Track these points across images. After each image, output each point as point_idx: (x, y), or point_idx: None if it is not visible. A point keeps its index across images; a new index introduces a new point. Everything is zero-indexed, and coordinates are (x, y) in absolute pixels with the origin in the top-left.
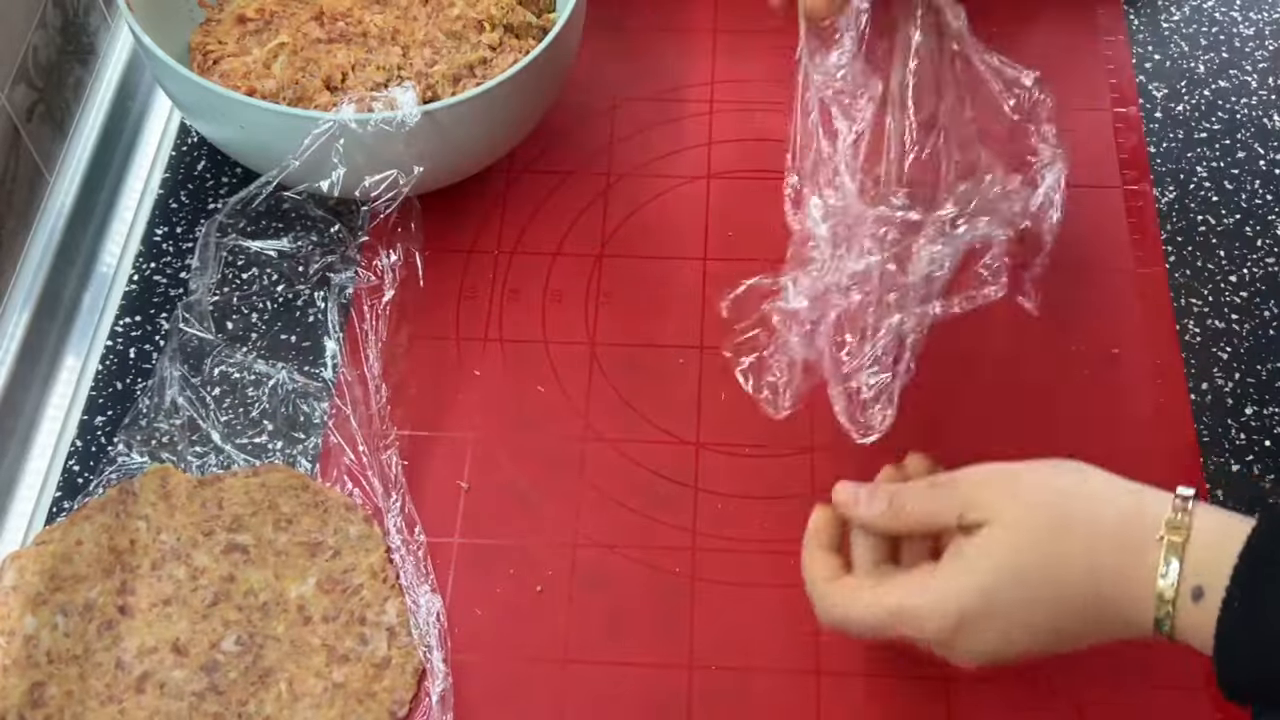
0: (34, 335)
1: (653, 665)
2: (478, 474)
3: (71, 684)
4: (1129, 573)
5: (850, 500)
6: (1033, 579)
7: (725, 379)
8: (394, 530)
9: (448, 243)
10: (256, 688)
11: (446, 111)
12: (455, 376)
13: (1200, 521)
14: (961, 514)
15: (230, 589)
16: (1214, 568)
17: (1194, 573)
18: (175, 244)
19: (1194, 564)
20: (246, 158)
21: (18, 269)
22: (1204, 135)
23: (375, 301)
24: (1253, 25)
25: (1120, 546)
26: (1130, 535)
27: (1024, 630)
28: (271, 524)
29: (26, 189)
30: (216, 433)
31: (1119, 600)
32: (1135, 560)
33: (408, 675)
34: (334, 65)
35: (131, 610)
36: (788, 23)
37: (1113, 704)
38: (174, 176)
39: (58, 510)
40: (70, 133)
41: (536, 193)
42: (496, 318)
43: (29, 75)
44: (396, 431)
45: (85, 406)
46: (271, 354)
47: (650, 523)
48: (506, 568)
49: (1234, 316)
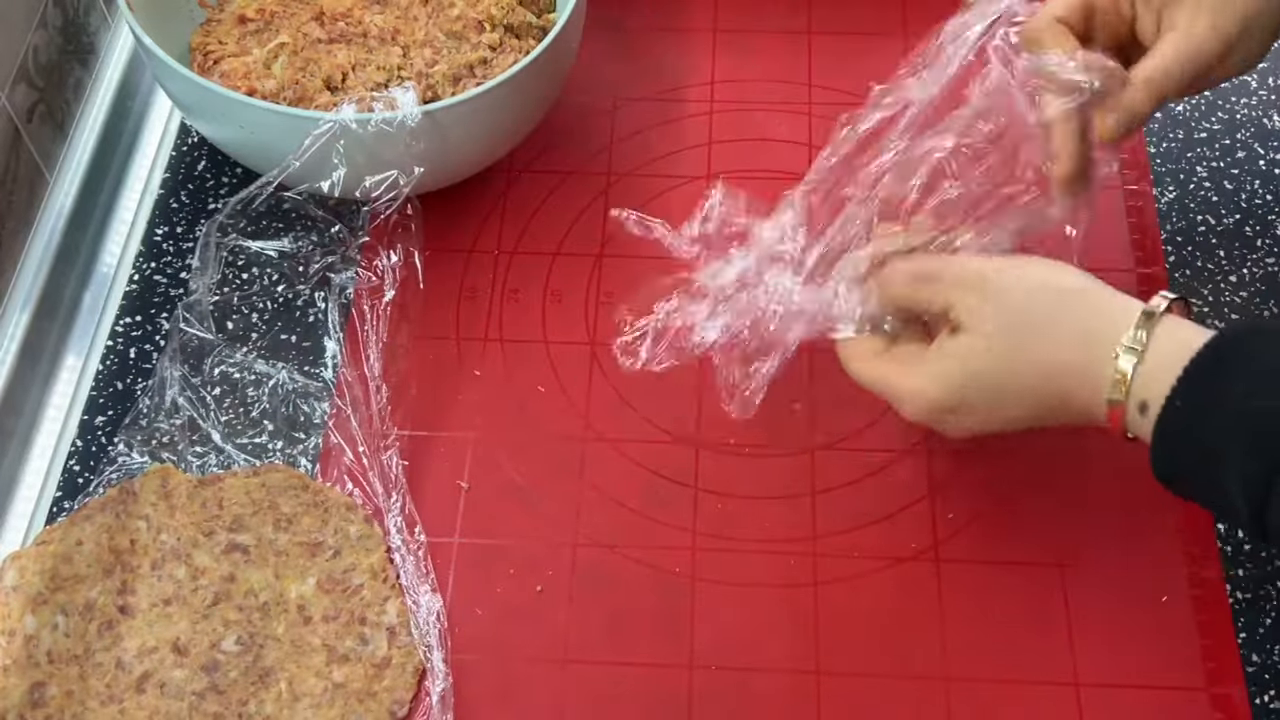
0: (34, 335)
1: (653, 665)
2: (478, 474)
3: (72, 684)
4: (1088, 381)
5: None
6: (994, 381)
7: None
8: (394, 530)
9: (448, 243)
10: (257, 688)
11: (446, 111)
12: (455, 376)
13: (1158, 340)
14: (945, 309)
15: (230, 589)
16: (1158, 386)
17: (1142, 388)
18: (175, 244)
19: (1143, 380)
20: (246, 158)
21: (18, 269)
22: (1204, 135)
23: (375, 301)
24: None
25: (1082, 355)
26: (1091, 349)
27: (996, 418)
28: (272, 524)
29: (26, 189)
30: (217, 433)
31: (1079, 400)
32: (1094, 372)
33: (408, 675)
34: (334, 65)
35: (132, 610)
36: None
37: (1113, 704)
38: (174, 176)
39: (58, 510)
40: (70, 133)
41: (536, 193)
42: (496, 318)
43: (29, 75)
44: (396, 431)
45: (85, 406)
46: (272, 354)
47: (650, 523)
48: (506, 568)
49: (1234, 316)
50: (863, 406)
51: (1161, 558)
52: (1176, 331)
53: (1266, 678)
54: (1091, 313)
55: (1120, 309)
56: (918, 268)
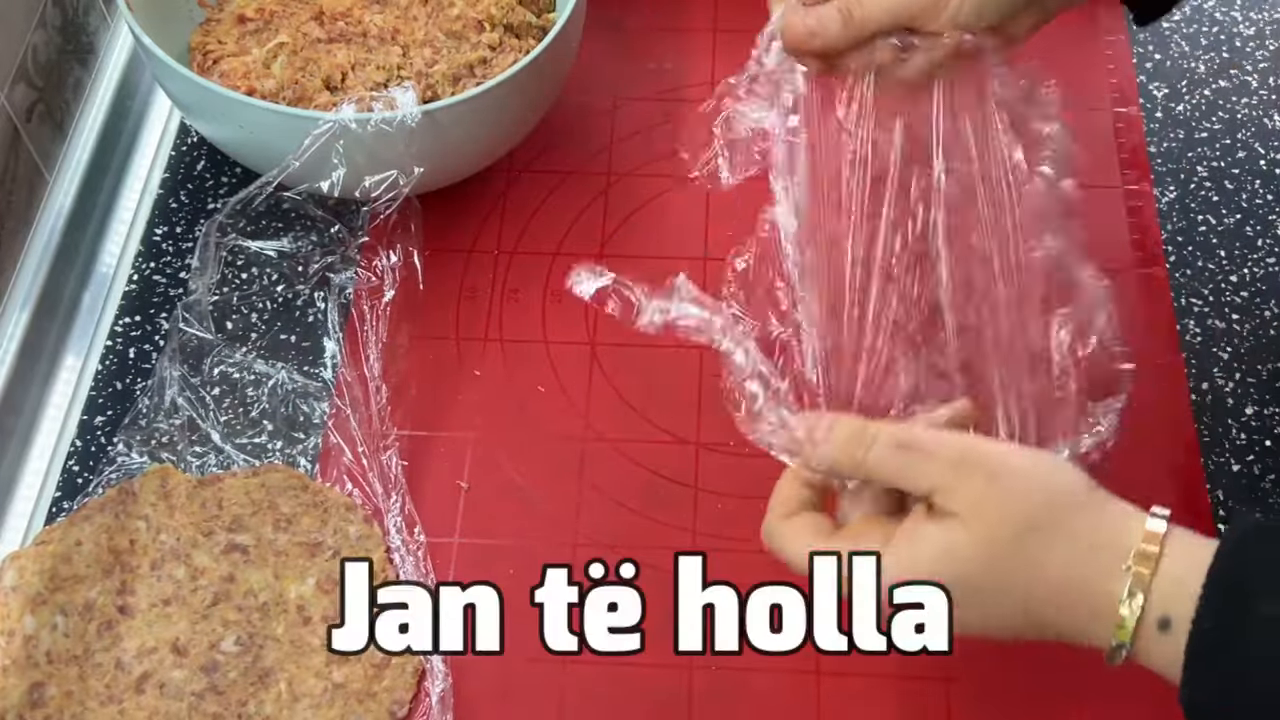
0: (34, 335)
1: (653, 665)
2: (478, 474)
3: (71, 684)
4: (1087, 598)
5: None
6: (984, 586)
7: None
8: (394, 530)
9: (448, 243)
10: (256, 688)
11: (446, 111)
12: (455, 376)
13: (1170, 551)
14: (931, 493)
15: (230, 589)
16: (1180, 599)
17: (1160, 604)
18: (175, 244)
19: (1161, 596)
20: (246, 158)
21: (18, 269)
22: (1204, 135)
23: (375, 302)
24: (1253, 25)
25: (1082, 567)
26: (1093, 559)
27: (974, 623)
28: (271, 524)
29: (26, 189)
30: (216, 433)
31: (1074, 620)
32: (1103, 585)
33: (408, 675)
34: (334, 65)
35: (131, 610)
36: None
37: (1114, 707)
38: (174, 176)
39: (58, 510)
40: (70, 133)
41: (536, 193)
42: (496, 318)
43: (29, 75)
44: (396, 431)
45: (85, 406)
46: (271, 354)
47: (650, 523)
48: (506, 568)
49: (1234, 316)
50: None
51: None
52: (1189, 543)
53: None
54: (1104, 519)
55: (1124, 514)
56: (907, 436)
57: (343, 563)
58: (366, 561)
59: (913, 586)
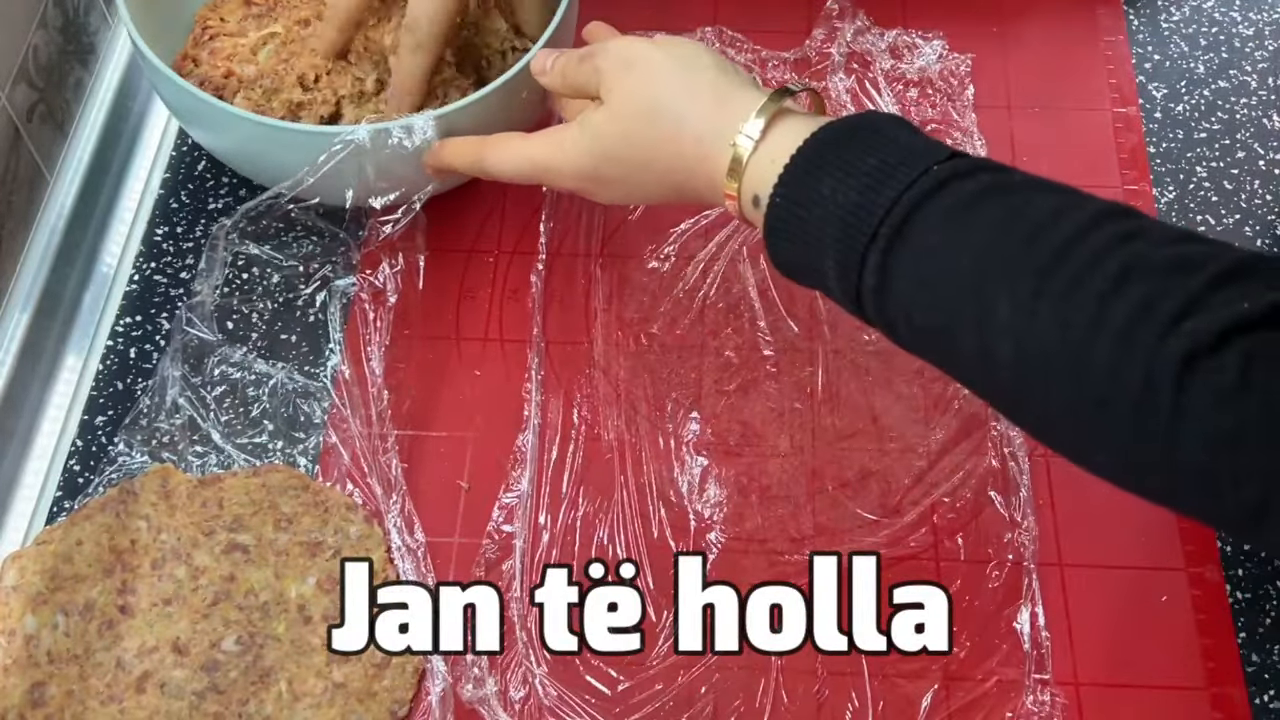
0: (34, 335)
1: (653, 664)
2: (478, 474)
3: (72, 684)
4: (705, 170)
5: (537, 67)
6: (625, 160)
7: (727, 378)
8: (394, 530)
9: (448, 243)
10: (257, 687)
11: (458, 114)
12: (455, 376)
13: (772, 136)
14: (597, 88)
15: (231, 589)
16: (765, 185)
17: (753, 182)
18: (175, 244)
19: (754, 174)
20: (240, 166)
21: (18, 269)
22: (1204, 135)
23: (376, 302)
24: (1253, 25)
25: (697, 144)
26: (707, 138)
27: (637, 192)
28: (272, 524)
29: (26, 189)
30: (217, 433)
31: (700, 189)
32: (712, 162)
33: (408, 675)
34: (310, 64)
35: (132, 610)
36: None
37: (1113, 704)
38: (174, 176)
39: (58, 510)
40: (70, 133)
41: (536, 193)
42: (496, 318)
43: (29, 75)
44: (396, 432)
45: (86, 406)
46: (272, 354)
47: (650, 523)
48: (507, 568)
49: None
50: (863, 409)
51: (1161, 558)
52: (793, 128)
53: (1266, 678)
54: (723, 103)
55: (747, 98)
56: (589, 50)
57: (343, 562)
58: (367, 561)
59: (912, 586)
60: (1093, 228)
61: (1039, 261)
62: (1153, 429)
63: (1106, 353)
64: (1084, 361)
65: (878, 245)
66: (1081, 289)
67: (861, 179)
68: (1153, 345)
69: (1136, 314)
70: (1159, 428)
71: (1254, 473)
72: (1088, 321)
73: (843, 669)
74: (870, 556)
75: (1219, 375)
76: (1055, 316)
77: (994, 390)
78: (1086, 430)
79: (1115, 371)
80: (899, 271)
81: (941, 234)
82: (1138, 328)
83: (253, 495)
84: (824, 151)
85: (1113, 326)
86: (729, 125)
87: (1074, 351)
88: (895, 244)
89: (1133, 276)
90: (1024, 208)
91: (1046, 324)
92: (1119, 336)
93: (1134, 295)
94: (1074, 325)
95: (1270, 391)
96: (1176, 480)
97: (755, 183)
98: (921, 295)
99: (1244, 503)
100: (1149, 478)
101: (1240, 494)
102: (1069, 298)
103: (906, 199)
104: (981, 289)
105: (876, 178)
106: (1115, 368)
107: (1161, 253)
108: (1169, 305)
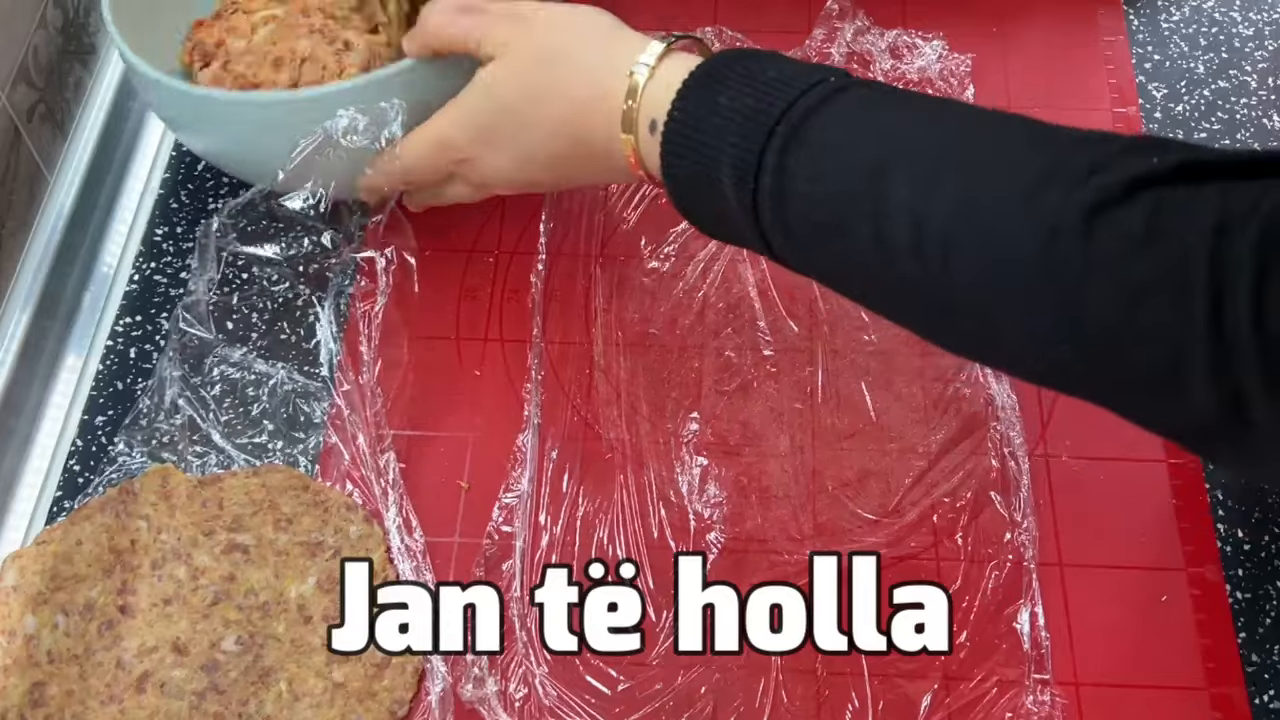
0: (34, 335)
1: (653, 664)
2: (478, 474)
3: (72, 684)
4: (606, 107)
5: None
6: (522, 110)
7: (726, 378)
8: (394, 530)
9: (448, 243)
10: (257, 687)
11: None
12: (455, 376)
13: (668, 65)
14: (480, 44)
15: (230, 589)
16: (664, 107)
17: (651, 106)
18: (175, 244)
19: (650, 98)
20: (227, 166)
21: (18, 269)
22: (1204, 135)
23: (374, 302)
24: (1253, 25)
25: (594, 83)
26: (603, 75)
27: (527, 159)
28: (272, 524)
29: (26, 189)
30: (217, 432)
31: (595, 133)
32: (612, 96)
33: (408, 675)
34: (290, 49)
35: (132, 610)
36: None
37: (1113, 704)
38: (174, 176)
39: (58, 510)
40: (70, 133)
41: (536, 193)
42: (496, 318)
43: (29, 75)
44: (396, 432)
45: (85, 406)
46: (271, 354)
47: (650, 523)
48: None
49: None
50: (863, 409)
51: (1161, 558)
52: (687, 60)
53: (1266, 678)
54: (617, 45)
55: (641, 42)
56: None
57: (343, 562)
58: (367, 561)
59: (912, 586)
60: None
61: (941, 141)
62: (1064, 281)
63: (1012, 213)
64: (988, 228)
65: (774, 145)
66: (984, 163)
67: (760, 88)
68: (1058, 202)
69: (1043, 176)
70: (1070, 280)
71: (1163, 326)
72: (991, 190)
73: (843, 669)
74: (870, 556)
75: (1127, 225)
76: (956, 191)
77: (890, 286)
78: (992, 303)
79: (1020, 231)
80: (796, 170)
81: (841, 130)
82: (1044, 188)
83: (253, 495)
84: (720, 69)
85: (1018, 188)
86: (624, 59)
87: (978, 219)
88: (791, 143)
89: (1039, 146)
90: (924, 103)
91: (946, 199)
92: (1025, 197)
93: (1039, 162)
94: (977, 195)
95: (1178, 237)
96: (1086, 352)
97: (651, 107)
98: (817, 189)
99: (1155, 362)
100: (1056, 348)
101: (1151, 351)
102: (970, 170)
103: (803, 102)
104: (880, 174)
105: (775, 86)
106: (1020, 227)
107: (1069, 132)
108: (1077, 166)
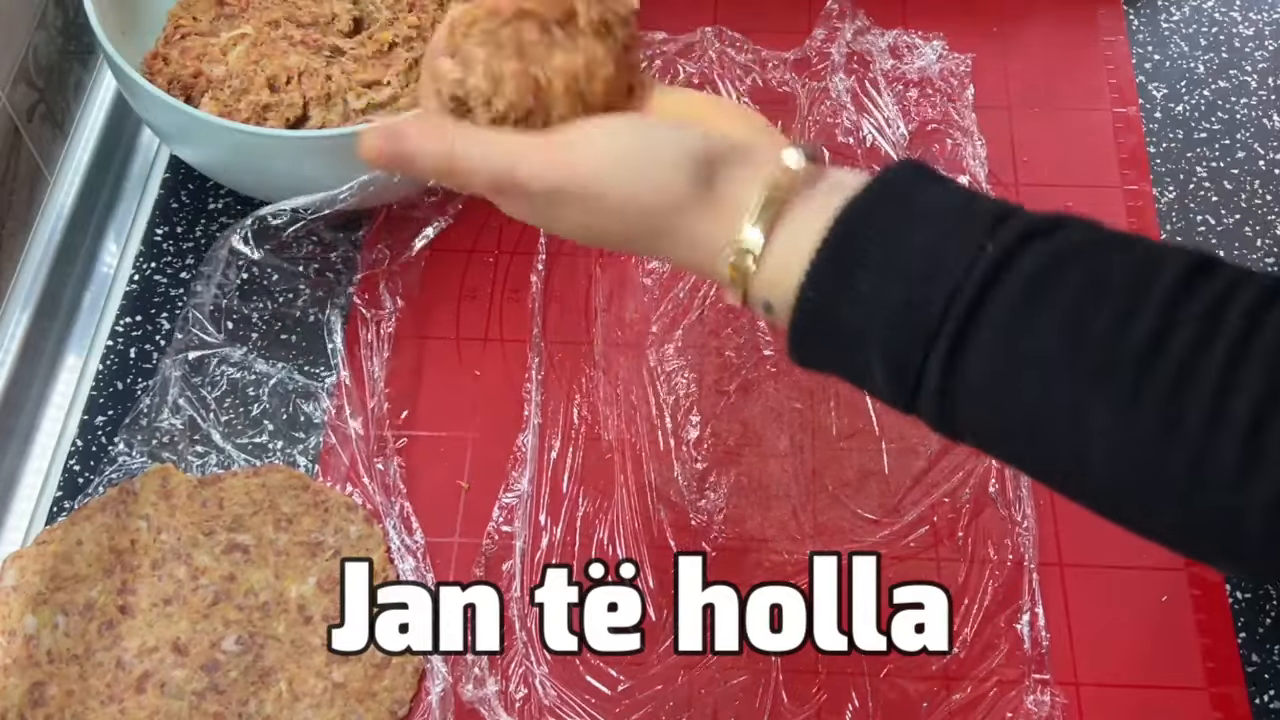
0: (34, 335)
1: (653, 663)
2: (478, 474)
3: (72, 683)
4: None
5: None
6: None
7: (727, 378)
8: (394, 530)
9: (448, 243)
10: (257, 687)
11: None
12: (455, 376)
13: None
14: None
15: (231, 589)
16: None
17: (763, 291)
18: (175, 244)
19: (763, 285)
20: (219, 176)
21: (18, 269)
22: (1204, 135)
23: (375, 302)
24: (1253, 25)
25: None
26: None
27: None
28: (272, 524)
29: (27, 189)
30: (217, 433)
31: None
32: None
33: (408, 675)
34: (282, 66)
35: (132, 610)
36: None
37: (1113, 704)
38: (174, 176)
39: (58, 510)
40: (70, 133)
41: None
42: (496, 318)
43: (29, 75)
44: (397, 432)
45: (86, 406)
46: (272, 354)
47: (650, 523)
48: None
49: None
50: (863, 409)
51: (1161, 558)
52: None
53: (1266, 678)
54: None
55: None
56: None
57: (343, 563)
58: (367, 561)
59: (912, 586)
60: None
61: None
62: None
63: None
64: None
65: (939, 347)
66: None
67: (906, 272)
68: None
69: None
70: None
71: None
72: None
73: (843, 669)
74: (870, 556)
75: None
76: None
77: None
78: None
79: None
80: (968, 371)
81: (1012, 323)
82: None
83: (253, 495)
84: (851, 246)
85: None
86: (721, 233)
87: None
88: (958, 344)
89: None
90: (1104, 274)
91: (1151, 429)
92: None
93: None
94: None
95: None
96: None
97: (766, 289)
98: (995, 395)
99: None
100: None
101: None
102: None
103: (966, 291)
104: (1069, 384)
105: (923, 267)
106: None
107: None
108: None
